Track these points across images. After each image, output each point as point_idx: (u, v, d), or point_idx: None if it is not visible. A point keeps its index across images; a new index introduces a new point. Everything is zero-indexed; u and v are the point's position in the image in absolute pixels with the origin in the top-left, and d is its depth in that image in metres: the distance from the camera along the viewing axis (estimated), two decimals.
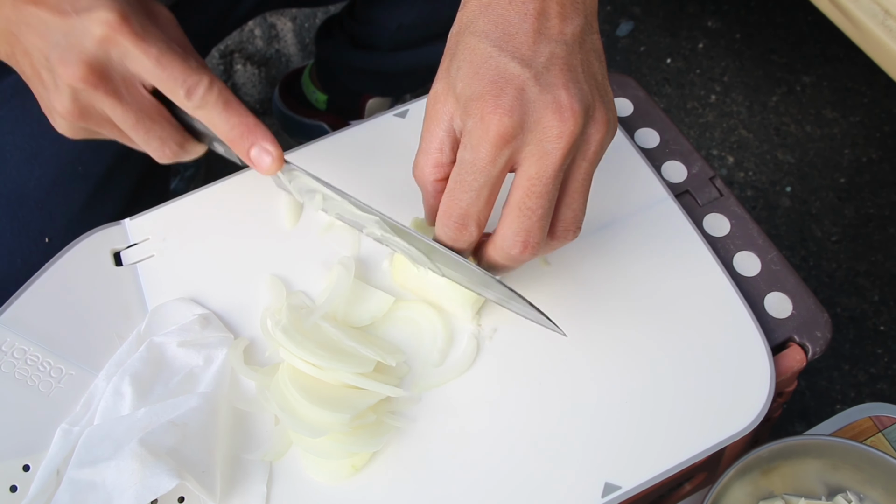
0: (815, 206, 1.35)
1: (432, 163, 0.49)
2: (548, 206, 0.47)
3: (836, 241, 1.32)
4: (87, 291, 0.60)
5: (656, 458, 0.53)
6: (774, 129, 1.42)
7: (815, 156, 1.39)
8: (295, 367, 0.53)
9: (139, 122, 0.52)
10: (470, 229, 0.48)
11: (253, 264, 0.61)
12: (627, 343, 0.57)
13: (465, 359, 0.56)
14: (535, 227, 0.47)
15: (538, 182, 0.46)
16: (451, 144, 0.49)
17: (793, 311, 0.61)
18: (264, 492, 0.51)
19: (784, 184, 1.37)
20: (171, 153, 0.55)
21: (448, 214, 0.48)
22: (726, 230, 0.64)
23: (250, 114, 0.53)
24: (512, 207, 0.47)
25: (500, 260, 0.50)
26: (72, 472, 0.48)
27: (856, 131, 1.42)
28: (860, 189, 1.36)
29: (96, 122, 0.53)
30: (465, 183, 0.46)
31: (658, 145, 0.68)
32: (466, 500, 0.52)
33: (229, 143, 0.53)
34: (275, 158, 0.53)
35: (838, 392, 1.21)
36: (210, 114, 0.52)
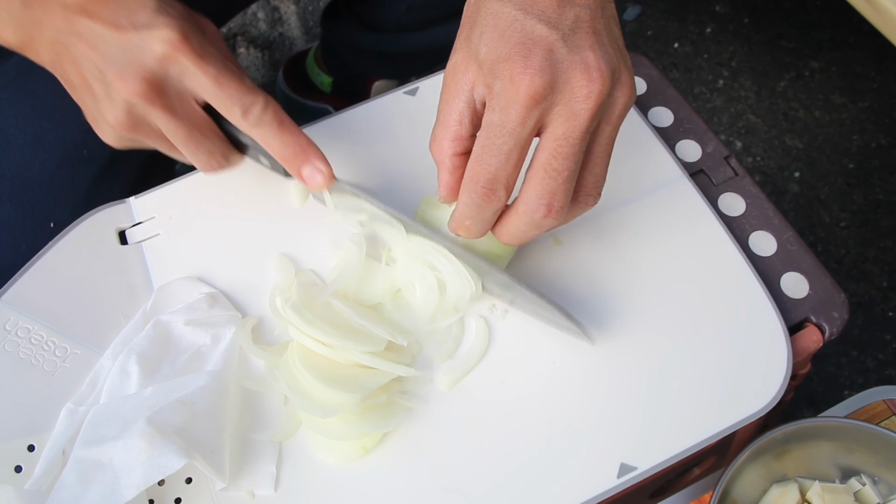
0: (824, 192, 1.34)
1: (451, 136, 0.48)
2: (574, 168, 0.46)
3: (844, 226, 1.31)
4: (91, 270, 0.59)
5: (672, 439, 0.52)
6: (783, 115, 1.41)
7: (823, 141, 1.38)
8: (304, 346, 0.52)
9: (191, 136, 0.53)
10: (499, 194, 0.47)
11: (261, 242, 0.60)
12: (642, 323, 0.56)
13: (478, 347, 0.55)
14: (560, 190, 0.46)
15: (566, 143, 0.45)
16: (471, 117, 0.48)
17: (809, 291, 0.60)
18: (273, 472, 0.51)
19: (792, 169, 1.36)
20: (217, 165, 0.56)
21: (475, 180, 0.47)
22: (741, 210, 0.63)
23: (302, 133, 0.53)
24: (537, 170, 0.46)
25: (522, 226, 0.48)
26: (78, 451, 0.47)
27: (865, 117, 1.40)
28: (869, 175, 1.35)
29: (145, 135, 0.53)
30: (494, 146, 0.45)
31: (672, 124, 0.67)
32: (480, 483, 0.51)
33: (282, 160, 0.53)
34: (326, 177, 0.54)
35: (846, 378, 1.20)
36: (265, 133, 0.52)
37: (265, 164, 0.58)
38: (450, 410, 0.53)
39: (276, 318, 0.55)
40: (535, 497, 0.50)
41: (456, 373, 0.54)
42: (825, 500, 0.62)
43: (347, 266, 0.56)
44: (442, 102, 0.49)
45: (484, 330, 0.56)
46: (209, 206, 0.62)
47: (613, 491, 0.51)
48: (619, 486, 0.51)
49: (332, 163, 0.54)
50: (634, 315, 0.57)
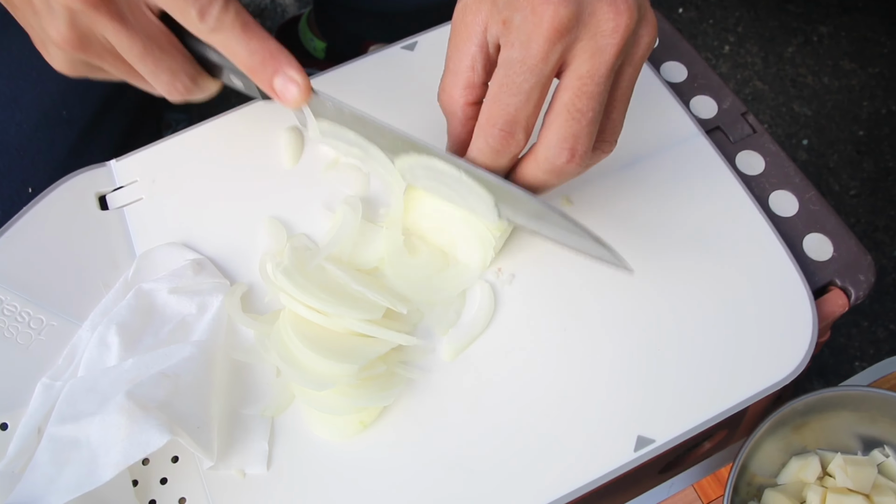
0: (833, 160, 1.30)
1: (463, 84, 0.45)
2: (599, 109, 0.42)
3: (854, 195, 1.27)
4: (69, 237, 0.55)
5: (692, 409, 0.49)
6: (790, 81, 1.37)
7: (832, 108, 1.34)
8: (297, 314, 0.49)
9: (147, 50, 0.46)
10: (518, 137, 0.43)
11: (250, 206, 0.56)
12: (658, 288, 0.53)
13: (483, 314, 0.52)
14: (584, 133, 0.42)
15: (590, 81, 0.41)
16: (484, 62, 0.44)
17: (833, 253, 0.56)
18: (266, 449, 0.47)
19: (801, 137, 1.32)
20: (184, 87, 0.49)
21: (492, 122, 0.43)
22: (761, 168, 0.59)
23: (271, 38, 0.47)
24: (558, 111, 0.42)
25: (541, 174, 0.45)
26: (52, 428, 0.43)
27: (875, 83, 1.36)
28: (879, 142, 1.31)
29: (97, 54, 0.47)
30: (514, 85, 0.42)
31: (686, 79, 0.63)
32: (486, 458, 0.48)
33: (249, 71, 0.47)
34: (302, 88, 0.47)
35: (857, 349, 1.17)
36: (226, 38, 0.46)
37: (238, 85, 0.51)
38: (454, 381, 0.50)
39: (266, 285, 0.52)
40: (546, 472, 0.47)
41: (460, 341, 0.51)
42: (848, 473, 0.58)
43: (342, 229, 0.52)
44: (451, 48, 0.45)
45: (489, 295, 0.52)
46: (194, 168, 0.58)
47: (630, 465, 0.47)
48: (636, 459, 0.47)
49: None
50: (649, 279, 0.53)
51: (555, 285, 0.53)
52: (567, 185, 0.56)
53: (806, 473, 0.59)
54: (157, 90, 0.50)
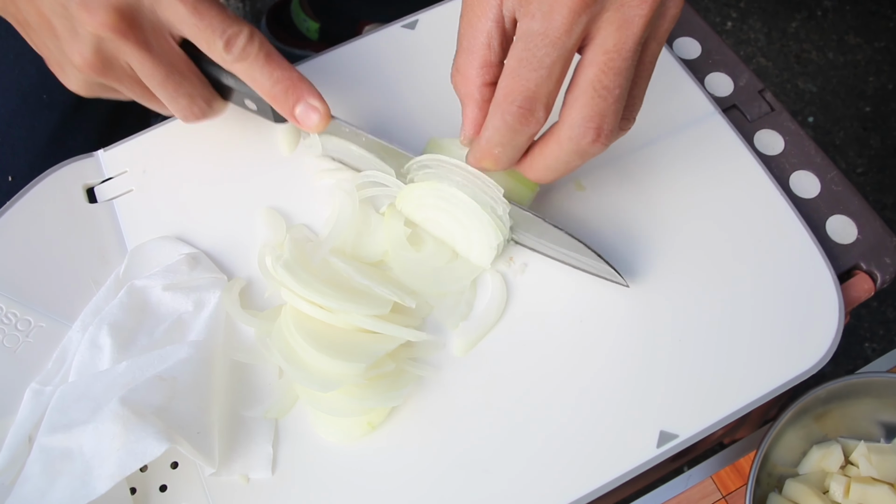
0: (839, 137, 1.27)
1: (478, 62, 0.42)
2: (626, 85, 0.40)
3: (861, 172, 1.25)
4: (56, 232, 0.53)
5: (716, 402, 0.47)
6: (795, 57, 1.34)
7: (837, 84, 1.32)
8: (299, 311, 0.46)
9: (169, 76, 0.47)
10: (538, 115, 0.40)
11: (247, 196, 0.54)
12: (676, 276, 0.50)
13: (496, 306, 0.49)
14: (610, 111, 0.40)
15: (617, 56, 0.39)
16: (501, 38, 0.42)
17: (858, 235, 0.54)
18: (270, 453, 0.45)
19: (806, 114, 1.29)
20: (200, 111, 0.50)
21: (510, 99, 0.40)
22: (780, 148, 0.57)
23: (293, 68, 0.48)
24: (583, 88, 0.40)
25: (564, 155, 0.42)
26: (43, 438, 0.41)
27: (881, 57, 1.34)
28: (886, 118, 1.29)
29: (117, 78, 0.48)
30: (535, 59, 0.39)
31: (700, 56, 0.61)
32: (502, 458, 0.45)
33: (271, 99, 0.48)
34: (322, 116, 0.48)
35: (867, 329, 1.15)
36: (251, 67, 0.47)
37: (252, 108, 0.52)
38: (466, 378, 0.48)
39: (266, 280, 0.50)
40: (565, 471, 0.45)
41: (471, 335, 0.48)
42: (872, 461, 0.57)
43: (341, 218, 0.49)
44: (464, 24, 0.42)
45: (501, 286, 0.50)
46: (187, 158, 0.56)
47: (652, 462, 0.45)
48: (659, 456, 0.45)
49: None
50: (667, 267, 0.51)
51: (569, 274, 0.50)
52: (578, 170, 0.53)
53: (828, 462, 0.58)
54: (172, 112, 0.50)
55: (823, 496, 0.55)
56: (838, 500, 0.55)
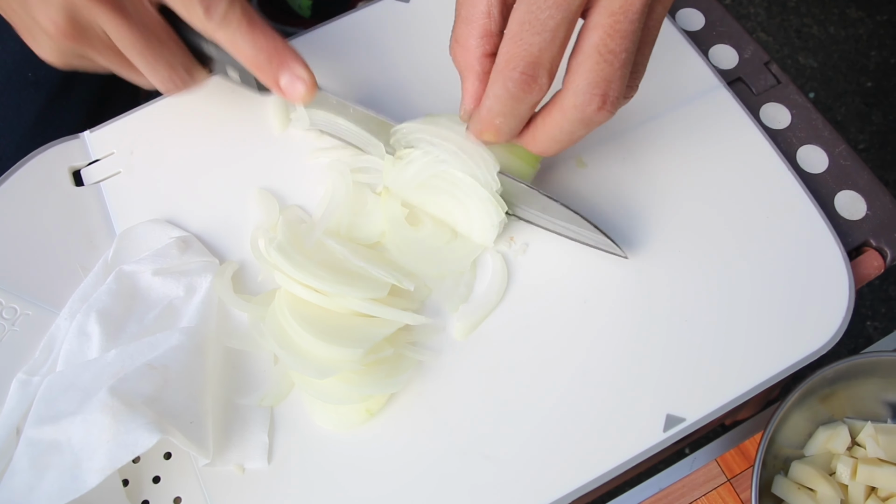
0: (841, 113, 1.26)
1: (479, 32, 0.40)
2: (632, 49, 0.38)
3: (863, 149, 1.23)
4: (42, 217, 0.51)
5: (723, 384, 0.46)
6: (795, 31, 1.32)
7: (839, 59, 1.30)
8: (294, 295, 0.45)
9: (147, 44, 0.45)
10: (541, 81, 0.38)
11: (238, 177, 0.52)
12: (682, 256, 0.49)
13: (496, 287, 0.48)
14: (616, 77, 0.38)
15: (623, 18, 0.37)
16: (501, 6, 0.40)
17: (867, 211, 0.53)
18: (266, 442, 0.44)
19: (807, 89, 1.28)
20: (181, 81, 0.48)
21: (512, 65, 0.38)
22: (787, 121, 0.55)
23: (278, 35, 0.46)
24: (588, 53, 0.38)
25: (568, 124, 0.40)
26: (30, 430, 0.39)
27: (883, 31, 1.32)
28: (888, 93, 1.27)
29: (92, 45, 0.46)
30: (538, 21, 0.37)
31: (703, 27, 0.59)
32: (505, 444, 0.44)
33: (255, 68, 0.46)
34: (308, 86, 0.46)
35: (868, 307, 1.14)
36: (233, 34, 0.44)
37: (234, 78, 0.50)
38: (467, 362, 0.46)
39: (259, 263, 0.48)
40: (569, 456, 0.44)
41: (472, 318, 0.47)
42: (880, 442, 0.56)
43: (335, 199, 0.48)
44: None
45: (502, 267, 0.48)
46: (176, 138, 0.54)
47: (659, 447, 0.44)
48: (665, 440, 0.44)
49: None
50: (672, 245, 0.49)
51: (571, 253, 0.49)
52: (580, 145, 0.52)
53: (835, 444, 0.57)
54: (152, 82, 0.48)
55: (830, 478, 0.55)
56: (845, 482, 0.55)
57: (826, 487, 0.53)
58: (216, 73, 0.50)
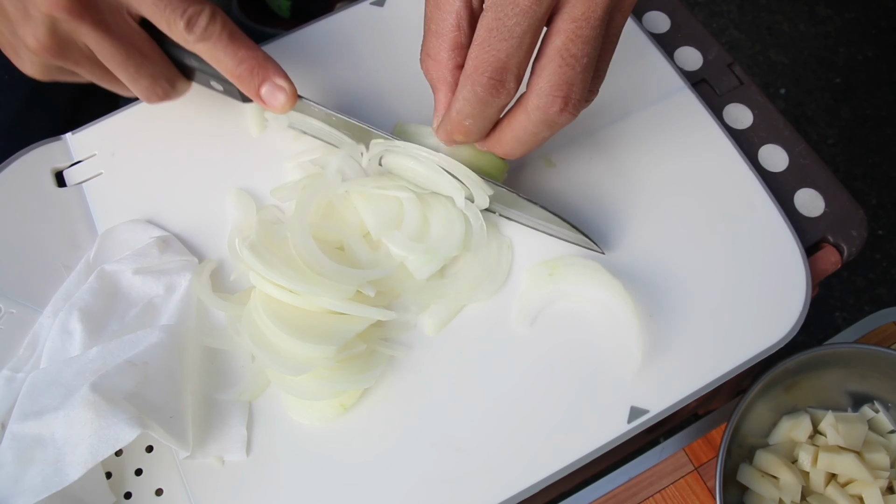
0: (811, 108, 1.28)
1: (448, 45, 0.42)
2: (594, 54, 0.39)
3: (832, 143, 1.26)
4: (25, 217, 0.52)
5: (685, 377, 0.47)
6: (767, 29, 1.35)
7: (809, 55, 1.32)
8: (268, 294, 0.46)
9: (129, 57, 0.46)
10: (509, 85, 0.40)
11: (217, 178, 0.53)
12: (646, 252, 0.51)
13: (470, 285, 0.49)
14: (578, 80, 0.39)
15: (586, 24, 0.38)
16: (470, 18, 0.41)
17: (825, 208, 0.55)
18: (244, 435, 0.45)
19: (778, 86, 1.30)
20: (163, 92, 0.49)
21: (480, 70, 0.39)
22: (749, 121, 0.57)
23: (258, 47, 0.47)
24: (551, 56, 0.39)
25: (531, 126, 0.42)
26: (14, 425, 0.40)
27: (851, 28, 1.34)
28: (856, 89, 1.30)
29: (74, 60, 0.46)
30: (505, 28, 0.38)
31: (669, 30, 0.61)
32: (476, 436, 0.46)
33: (236, 80, 0.47)
34: (289, 96, 0.47)
35: (837, 299, 1.17)
36: (214, 48, 0.45)
37: (217, 88, 0.51)
38: (438, 357, 0.48)
39: (235, 262, 0.49)
40: (538, 448, 0.46)
41: (443, 315, 0.48)
42: (839, 430, 0.58)
43: (303, 199, 0.49)
44: (431, 6, 0.42)
45: (475, 266, 0.50)
46: (156, 140, 0.55)
47: (623, 438, 0.46)
48: (629, 431, 0.46)
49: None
50: (637, 242, 0.51)
51: (539, 252, 0.50)
52: (548, 145, 0.53)
53: (797, 432, 0.59)
54: (134, 93, 0.49)
55: (792, 465, 0.56)
56: (806, 469, 0.56)
57: (788, 475, 0.55)
58: (199, 83, 0.51)
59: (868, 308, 1.12)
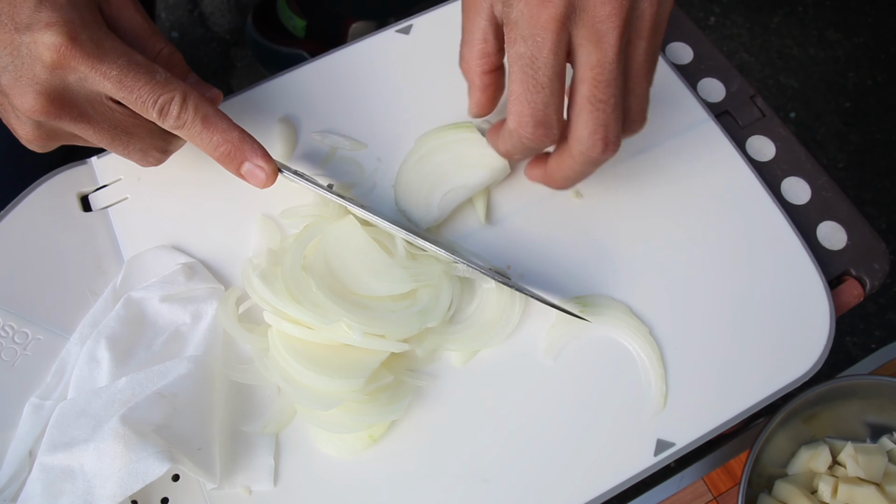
0: (820, 133, 1.29)
1: (478, 54, 0.46)
2: (619, 93, 0.42)
3: (842, 167, 1.26)
4: (51, 242, 0.52)
5: (711, 410, 0.48)
6: (776, 52, 1.35)
7: (818, 79, 1.33)
8: (285, 332, 0.46)
9: (115, 138, 0.47)
10: (553, 132, 0.44)
11: (243, 204, 0.53)
12: (671, 285, 0.51)
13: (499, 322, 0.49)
14: (611, 120, 0.43)
15: (602, 70, 0.41)
16: (495, 32, 0.46)
17: (847, 241, 0.55)
18: (272, 465, 0.45)
19: (788, 109, 1.30)
20: (155, 160, 0.50)
21: (525, 123, 0.43)
22: (772, 154, 0.57)
23: (234, 127, 0.47)
24: (581, 105, 0.42)
25: (579, 167, 0.45)
26: (43, 456, 0.40)
27: (860, 53, 1.35)
28: (866, 113, 1.30)
29: (68, 139, 0.47)
30: (535, 81, 0.42)
31: (692, 61, 0.61)
32: (503, 468, 0.46)
33: (216, 160, 0.47)
34: (268, 174, 0.47)
35: (847, 324, 1.17)
36: (189, 134, 0.46)
37: None
38: (465, 388, 0.48)
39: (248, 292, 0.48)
40: (565, 480, 0.46)
41: (470, 346, 0.48)
42: (859, 462, 0.58)
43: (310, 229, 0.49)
44: (464, 19, 0.47)
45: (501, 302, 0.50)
46: (182, 165, 0.55)
47: (650, 471, 0.46)
48: (656, 465, 0.46)
49: (316, 115, 0.48)
50: (661, 276, 0.51)
51: (566, 283, 0.50)
52: None
53: (816, 463, 0.58)
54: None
55: (812, 496, 0.56)
56: (826, 500, 0.56)
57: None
58: None
59: (878, 333, 1.12)
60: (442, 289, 0.48)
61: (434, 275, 0.48)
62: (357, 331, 0.44)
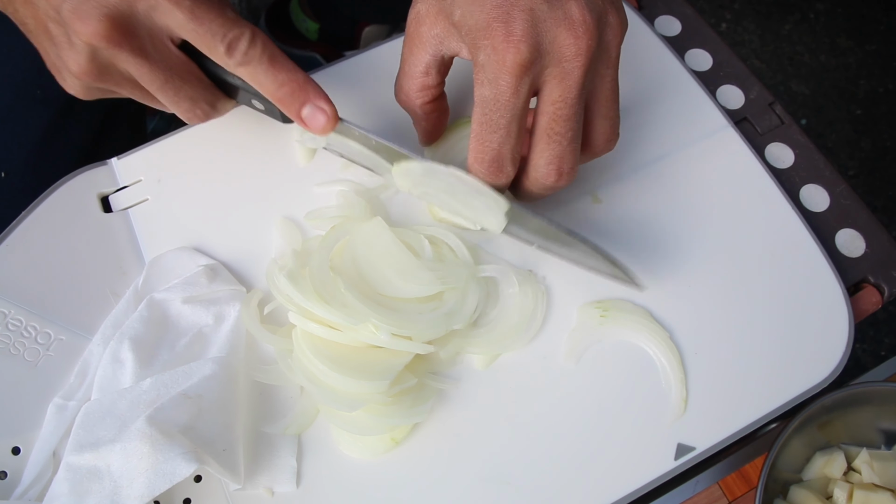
0: (832, 140, 1.29)
1: (417, 87, 0.48)
2: (576, 127, 0.44)
3: (853, 175, 1.26)
4: (72, 242, 0.52)
5: (731, 415, 0.48)
6: (788, 59, 1.35)
7: (829, 87, 1.33)
8: (310, 333, 0.46)
9: (168, 82, 0.46)
10: (506, 170, 0.45)
11: (263, 205, 0.53)
12: (690, 289, 0.51)
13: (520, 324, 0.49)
14: (566, 153, 0.44)
15: (563, 105, 0.42)
16: (438, 67, 0.47)
17: (866, 248, 0.55)
18: (294, 466, 0.45)
19: (799, 116, 1.30)
20: (203, 113, 0.49)
21: (480, 160, 0.45)
22: (790, 161, 0.58)
23: (299, 69, 0.47)
24: (540, 135, 0.44)
25: (536, 190, 0.47)
26: (70, 457, 0.40)
27: (872, 61, 1.35)
28: (877, 121, 1.30)
29: (115, 82, 0.47)
30: (492, 122, 0.43)
31: (711, 68, 0.61)
32: (525, 470, 0.46)
33: (277, 101, 0.47)
34: (329, 117, 0.47)
35: (857, 330, 1.16)
36: (255, 71, 0.46)
37: (259, 108, 0.51)
38: (487, 390, 0.48)
39: (274, 294, 0.49)
40: (586, 483, 0.46)
41: (492, 349, 0.48)
42: (874, 468, 0.58)
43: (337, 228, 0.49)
44: (406, 52, 0.47)
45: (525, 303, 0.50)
46: (203, 166, 0.55)
47: (670, 475, 0.46)
48: (676, 469, 0.46)
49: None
50: (681, 280, 0.51)
51: (587, 287, 0.51)
52: (594, 182, 0.54)
53: (831, 469, 0.58)
54: (176, 114, 0.49)
55: (827, 502, 0.56)
56: None
57: None
58: (241, 102, 0.51)
59: (888, 340, 1.12)
60: (468, 291, 0.48)
61: (461, 277, 0.48)
62: (385, 332, 0.45)
